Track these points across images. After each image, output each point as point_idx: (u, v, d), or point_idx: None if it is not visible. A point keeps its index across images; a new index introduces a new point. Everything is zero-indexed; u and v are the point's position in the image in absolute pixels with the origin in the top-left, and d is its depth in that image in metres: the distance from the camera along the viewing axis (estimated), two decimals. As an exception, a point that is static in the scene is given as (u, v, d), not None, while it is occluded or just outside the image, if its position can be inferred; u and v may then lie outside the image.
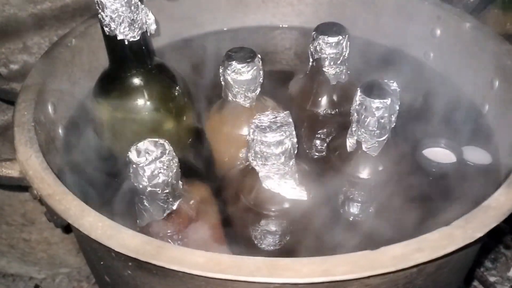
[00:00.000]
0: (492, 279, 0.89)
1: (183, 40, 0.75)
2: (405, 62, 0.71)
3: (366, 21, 0.74)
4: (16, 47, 0.81)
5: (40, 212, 0.86)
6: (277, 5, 0.78)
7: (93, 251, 0.45)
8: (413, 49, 0.71)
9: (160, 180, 0.43)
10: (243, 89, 0.55)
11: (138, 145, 0.44)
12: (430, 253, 0.35)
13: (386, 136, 0.50)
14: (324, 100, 0.61)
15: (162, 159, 0.43)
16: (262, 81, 0.57)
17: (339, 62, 0.59)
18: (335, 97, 0.61)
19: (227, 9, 0.77)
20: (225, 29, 0.76)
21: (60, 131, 0.56)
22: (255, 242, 0.49)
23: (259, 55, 0.56)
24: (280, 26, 0.79)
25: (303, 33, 0.78)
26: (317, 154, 0.60)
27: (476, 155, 0.57)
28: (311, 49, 0.59)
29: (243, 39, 0.76)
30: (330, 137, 0.59)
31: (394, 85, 0.50)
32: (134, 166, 0.43)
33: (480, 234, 0.37)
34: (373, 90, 0.49)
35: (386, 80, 0.50)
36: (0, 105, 0.81)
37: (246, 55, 0.55)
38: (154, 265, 0.36)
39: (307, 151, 0.60)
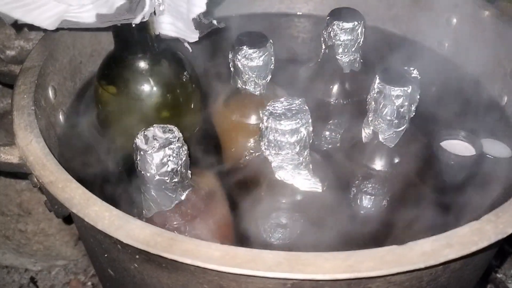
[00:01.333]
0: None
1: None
2: (418, 51, 0.68)
3: (377, 8, 0.71)
4: (13, 32, 0.78)
5: (37, 202, 0.84)
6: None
7: (96, 243, 0.42)
8: (427, 38, 0.68)
9: (169, 169, 0.41)
10: (254, 75, 0.53)
11: (146, 131, 0.42)
12: (460, 249, 0.33)
13: (404, 126, 0.48)
14: (336, 89, 0.59)
15: (171, 146, 0.41)
16: (273, 67, 0.54)
17: (353, 49, 0.56)
18: (347, 86, 0.59)
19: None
20: (232, 15, 0.73)
21: (60, 117, 0.54)
22: (266, 235, 0.47)
23: (271, 40, 0.53)
24: (288, 12, 0.76)
25: (312, 20, 0.75)
26: (329, 144, 0.57)
27: (496, 148, 0.54)
28: (325, 35, 0.57)
29: (247, 26, 0.74)
30: (342, 127, 0.57)
31: (414, 73, 0.47)
32: (141, 153, 0.40)
33: (512, 229, 0.35)
34: (393, 77, 0.47)
35: (406, 67, 0.48)
36: (-2, 92, 0.79)
37: (257, 39, 0.53)
38: (165, 258, 0.33)
39: (319, 141, 0.57)
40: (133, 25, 0.48)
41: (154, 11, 0.49)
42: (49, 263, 0.93)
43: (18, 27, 0.49)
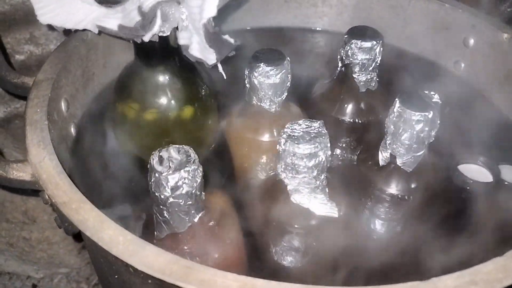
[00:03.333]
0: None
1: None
2: (433, 71, 0.68)
3: (393, 27, 0.70)
4: (23, 37, 0.78)
5: (42, 210, 0.83)
6: (300, 5, 0.75)
7: (107, 264, 0.41)
8: (443, 58, 0.67)
9: (184, 191, 0.40)
10: (270, 93, 0.52)
11: (161, 152, 0.41)
12: (485, 287, 0.32)
13: (423, 151, 0.47)
14: (351, 108, 0.58)
15: (187, 168, 0.40)
16: (289, 85, 0.54)
17: (370, 68, 0.55)
18: (363, 105, 0.58)
19: (247, 7, 0.73)
20: (247, 28, 0.73)
21: (72, 129, 0.53)
22: (279, 260, 0.46)
23: (288, 58, 0.52)
24: (302, 27, 0.75)
25: (326, 36, 0.74)
26: (343, 164, 0.56)
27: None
28: (342, 54, 0.56)
29: (261, 41, 0.73)
30: (357, 148, 0.56)
31: (436, 97, 0.46)
32: (156, 175, 0.39)
33: (538, 267, 0.33)
34: (413, 101, 0.46)
35: (427, 92, 0.47)
36: (2, 97, 0.78)
37: (275, 57, 0.52)
38: (179, 287, 0.33)
39: (334, 160, 0.57)
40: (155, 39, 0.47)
41: (177, 27, 0.48)
42: (51, 270, 0.92)
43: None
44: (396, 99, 0.46)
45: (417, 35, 0.69)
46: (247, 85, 0.53)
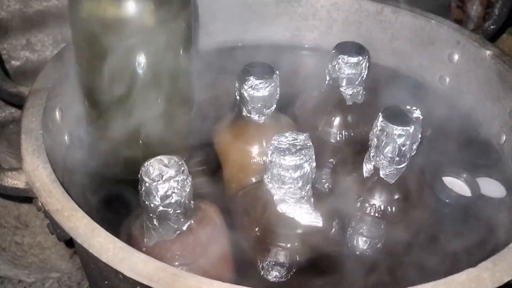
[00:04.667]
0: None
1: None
2: (419, 85, 0.70)
3: (381, 41, 0.72)
4: (19, 43, 0.79)
5: (34, 215, 0.84)
6: (291, 19, 0.77)
7: (97, 270, 0.43)
8: (429, 73, 0.69)
9: (173, 200, 0.41)
10: (259, 105, 0.54)
11: (151, 161, 0.42)
12: (457, 296, 0.34)
13: (405, 164, 0.49)
14: (338, 120, 0.60)
15: (176, 178, 0.41)
16: (278, 97, 0.55)
17: (357, 82, 0.57)
18: (349, 118, 0.60)
19: (240, 20, 0.75)
20: (238, 42, 0.74)
21: (66, 138, 0.54)
22: (265, 268, 0.47)
23: (277, 71, 0.54)
24: (293, 40, 0.77)
25: (316, 50, 0.76)
26: (329, 176, 0.58)
27: (490, 187, 0.55)
28: (329, 68, 0.58)
29: (252, 54, 0.74)
30: (343, 160, 0.57)
31: (417, 112, 0.48)
32: (146, 184, 0.41)
33: (508, 277, 0.35)
34: (396, 116, 0.48)
35: (409, 107, 0.49)
36: (-2, 103, 0.79)
37: (264, 70, 0.54)
38: (167, 292, 0.34)
39: (320, 172, 0.58)
40: None
41: None
42: (43, 275, 0.92)
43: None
44: (380, 114, 0.48)
45: (404, 50, 0.71)
46: (237, 97, 0.54)
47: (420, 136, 0.48)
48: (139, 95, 0.50)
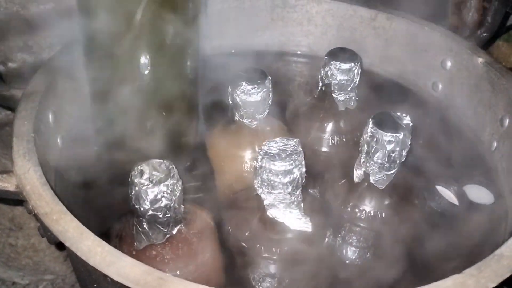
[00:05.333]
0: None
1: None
2: (412, 91, 0.70)
3: (375, 47, 0.73)
4: (16, 45, 0.79)
5: (28, 217, 0.84)
6: (286, 24, 0.77)
7: (87, 273, 0.43)
8: (422, 79, 0.70)
9: (162, 204, 0.42)
10: (252, 110, 0.54)
11: (142, 165, 0.42)
12: (442, 302, 0.34)
13: (395, 170, 0.49)
14: (331, 125, 0.60)
15: (166, 182, 0.41)
16: (271, 102, 0.56)
17: (349, 88, 0.58)
18: (342, 123, 0.60)
19: (235, 25, 0.76)
20: (233, 47, 0.75)
21: (59, 141, 0.54)
22: (254, 274, 0.47)
23: (269, 77, 0.55)
24: (288, 45, 0.77)
25: (311, 55, 0.77)
26: (321, 180, 0.58)
27: (479, 194, 0.56)
28: (322, 74, 0.58)
29: (246, 60, 0.75)
30: (335, 164, 0.58)
31: (407, 119, 0.49)
32: (136, 188, 0.41)
33: (493, 284, 0.35)
34: (386, 123, 0.48)
35: (399, 114, 0.49)
36: (-9, 105, 0.79)
37: (257, 76, 0.54)
38: (154, 296, 0.34)
39: (312, 176, 0.58)
40: None
41: None
42: (37, 277, 0.92)
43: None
44: (370, 120, 0.48)
45: (398, 56, 0.71)
46: (230, 102, 0.55)
47: (409, 142, 0.48)
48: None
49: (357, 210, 0.51)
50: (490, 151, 0.59)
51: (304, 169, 0.46)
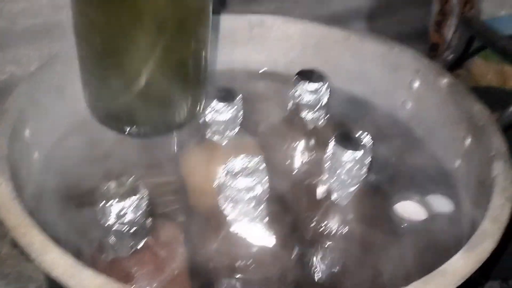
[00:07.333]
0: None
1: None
2: (383, 109, 0.72)
3: (349, 66, 0.75)
4: (5, 58, 0.81)
5: (11, 227, 0.85)
6: (265, 40, 0.80)
7: (56, 284, 0.45)
8: (392, 98, 0.72)
9: (126, 220, 0.44)
10: (222, 128, 0.56)
11: (109, 181, 0.45)
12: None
13: (356, 186, 0.51)
14: (300, 143, 0.62)
15: (132, 197, 0.44)
16: (241, 120, 0.58)
17: (316, 108, 0.60)
18: (310, 141, 0.62)
19: (212, 44, 0.78)
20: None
21: (35, 156, 0.56)
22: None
23: (240, 94, 0.57)
24: (264, 64, 0.80)
25: (286, 74, 0.79)
26: (287, 197, 0.60)
27: (440, 204, 0.58)
28: (291, 94, 0.61)
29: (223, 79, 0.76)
30: (301, 181, 0.60)
31: (367, 138, 0.51)
32: (101, 203, 0.43)
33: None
34: (346, 140, 0.50)
35: (360, 132, 0.51)
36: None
37: (227, 94, 0.56)
38: (113, 308, 0.36)
39: (278, 193, 0.61)
40: None
41: None
42: (20, 285, 0.94)
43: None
44: (332, 138, 0.51)
45: (369, 75, 0.74)
46: (201, 121, 0.57)
47: (369, 160, 0.50)
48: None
49: (320, 226, 0.53)
50: (453, 169, 0.62)
51: (267, 185, 0.48)
